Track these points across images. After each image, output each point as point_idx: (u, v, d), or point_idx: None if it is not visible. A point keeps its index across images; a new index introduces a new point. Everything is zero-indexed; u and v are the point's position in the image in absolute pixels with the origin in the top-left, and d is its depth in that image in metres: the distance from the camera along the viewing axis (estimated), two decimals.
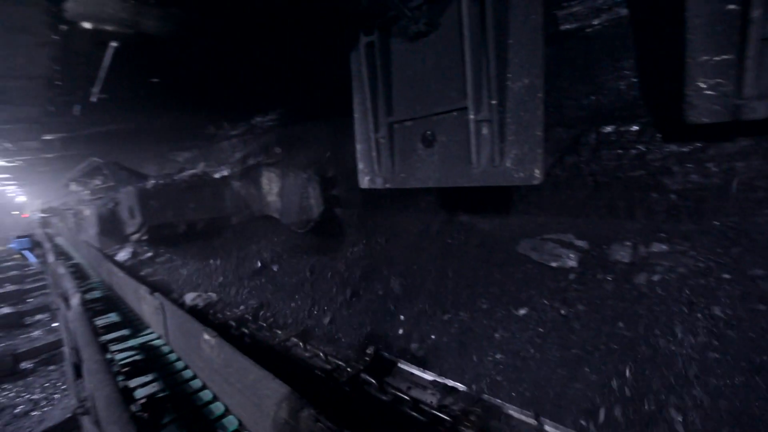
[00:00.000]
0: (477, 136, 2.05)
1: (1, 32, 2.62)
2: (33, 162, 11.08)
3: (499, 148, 1.99)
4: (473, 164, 2.11)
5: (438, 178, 2.33)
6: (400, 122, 2.54)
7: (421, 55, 2.33)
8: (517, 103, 1.94)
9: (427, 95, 2.33)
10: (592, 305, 2.88)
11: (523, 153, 1.93)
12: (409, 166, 2.52)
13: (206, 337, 1.95)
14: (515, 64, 1.93)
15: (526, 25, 1.87)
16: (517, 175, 1.95)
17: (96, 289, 4.20)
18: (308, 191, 4.80)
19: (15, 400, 3.63)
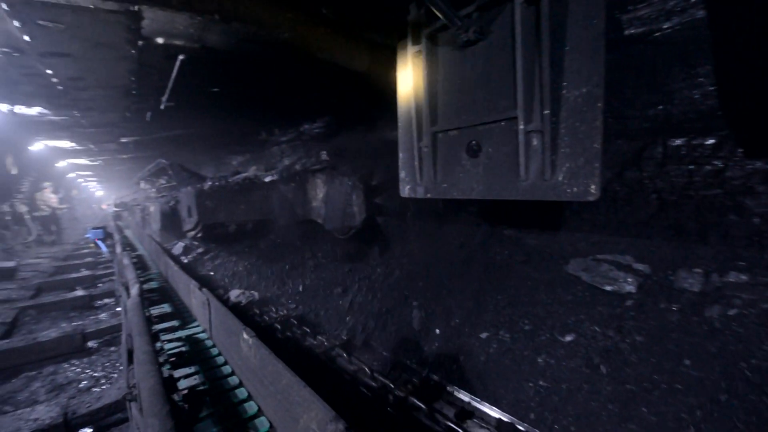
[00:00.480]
0: (526, 148, 1.93)
1: (88, 47, 2.98)
2: (111, 161, 12.48)
3: (550, 161, 1.85)
4: (521, 177, 2.00)
5: (482, 190, 2.24)
6: (444, 131, 2.48)
7: (469, 63, 2.26)
8: (572, 114, 1.80)
9: (474, 105, 2.25)
10: (653, 337, 2.58)
11: (577, 166, 1.78)
12: (452, 176, 2.44)
13: (245, 336, 2.01)
14: (572, 72, 1.80)
15: (586, 31, 1.74)
16: (570, 191, 1.80)
17: (154, 280, 4.57)
18: (352, 198, 4.84)
19: (80, 375, 4.00)
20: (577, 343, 2.78)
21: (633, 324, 2.70)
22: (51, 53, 2.99)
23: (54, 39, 2.75)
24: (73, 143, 8.77)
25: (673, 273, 2.81)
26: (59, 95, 4.42)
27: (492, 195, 2.15)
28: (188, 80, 3.87)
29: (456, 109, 2.36)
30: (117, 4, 2.52)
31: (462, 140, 2.32)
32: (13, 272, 7.81)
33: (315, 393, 1.45)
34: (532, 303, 3.26)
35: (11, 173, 8.70)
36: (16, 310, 5.54)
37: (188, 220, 5.82)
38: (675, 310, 2.65)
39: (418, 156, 2.61)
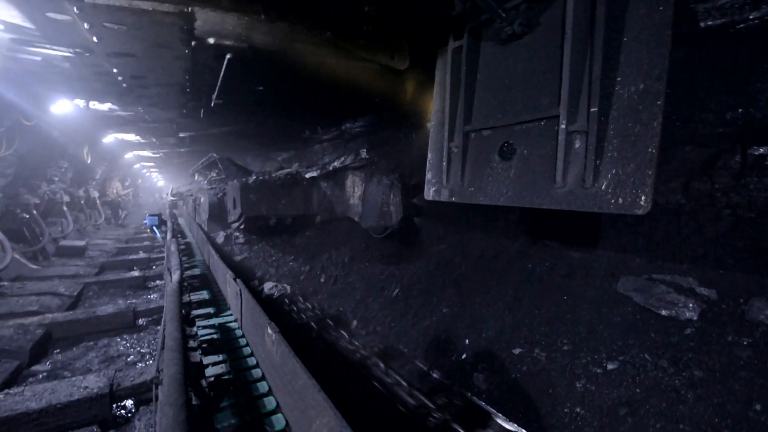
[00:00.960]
0: (567, 150, 1.72)
1: (148, 47, 3.21)
2: (170, 154, 13.52)
3: (593, 166, 1.63)
4: (557, 183, 1.78)
5: (511, 196, 2.04)
6: (477, 131, 2.31)
7: (512, 59, 2.10)
8: (625, 112, 1.57)
9: (513, 103, 2.07)
10: (715, 374, 2.25)
11: (626, 174, 1.55)
12: (481, 179, 2.27)
13: (269, 330, 2.02)
14: (629, 65, 1.58)
15: (649, 18, 1.52)
16: (614, 201, 1.57)
17: (197, 267, 4.86)
18: (389, 197, 4.80)
19: (129, 350, 4.33)
20: (623, 371, 2.51)
21: (692, 356, 2.38)
22: (116, 53, 3.25)
23: (118, 40, 2.98)
24: (138, 137, 9.60)
25: (746, 302, 2.43)
26: (125, 92, 4.82)
27: (523, 202, 1.95)
28: (236, 79, 4.04)
29: (493, 107, 2.20)
30: (172, 6, 2.67)
31: (495, 141, 2.15)
32: (83, 251, 8.72)
33: (328, 399, 1.40)
34: (574, 322, 3.00)
35: (87, 162, 9.73)
36: (81, 285, 6.15)
37: (233, 212, 6.11)
38: (746, 345, 2.29)
39: (447, 157, 2.48)
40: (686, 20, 2.79)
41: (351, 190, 5.67)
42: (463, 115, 2.35)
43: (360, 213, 5.36)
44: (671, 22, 1.51)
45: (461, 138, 2.36)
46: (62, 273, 7.03)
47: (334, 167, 5.76)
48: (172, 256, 3.91)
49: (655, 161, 1.49)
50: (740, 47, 2.64)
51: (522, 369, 2.88)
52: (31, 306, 5.18)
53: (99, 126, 8.02)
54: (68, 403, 2.98)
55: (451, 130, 2.43)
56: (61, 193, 9.27)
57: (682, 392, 2.28)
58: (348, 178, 5.69)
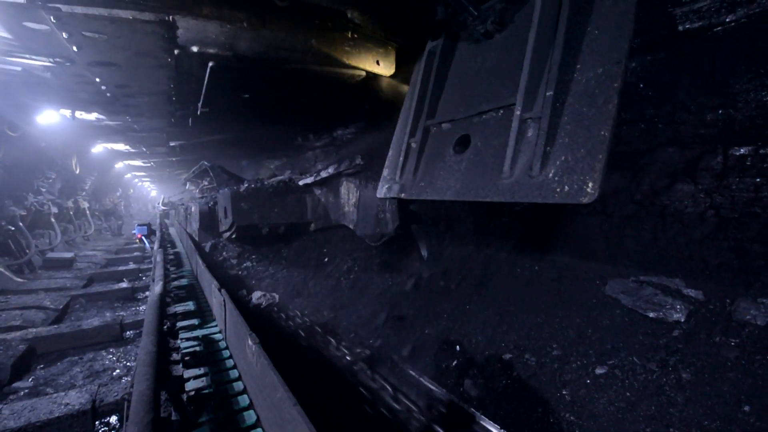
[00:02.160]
0: (518, 139, 1.63)
1: (130, 56, 3.18)
2: (161, 164, 13.43)
3: (542, 152, 1.53)
4: (504, 173, 1.67)
5: (458, 189, 1.93)
6: (437, 125, 2.24)
7: (482, 57, 2.08)
8: (581, 97, 1.50)
9: (477, 97, 2.01)
10: (704, 375, 2.24)
11: (575, 159, 1.44)
12: (432, 174, 2.18)
13: (249, 342, 1.98)
14: (590, 53, 1.51)
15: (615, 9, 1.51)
16: (559, 190, 1.44)
17: (185, 277, 4.78)
18: (385, 204, 4.72)
19: (115, 363, 4.23)
20: (612, 375, 2.48)
21: (680, 358, 2.37)
22: (97, 63, 3.22)
23: (99, 49, 2.95)
24: (128, 146, 9.52)
25: (732, 303, 2.43)
26: (110, 102, 4.78)
27: (468, 196, 1.84)
28: (221, 87, 4.02)
29: (458, 103, 2.14)
30: (153, 14, 2.65)
31: (453, 134, 2.07)
32: (71, 263, 8.57)
33: (304, 413, 1.36)
34: (563, 326, 2.98)
35: (75, 172, 9.62)
36: (68, 298, 6.04)
37: (224, 221, 6.03)
38: (733, 346, 2.28)
39: (404, 152, 2.38)
40: (665, 24, 2.83)
41: (346, 197, 5.59)
42: (427, 110, 2.31)
43: (355, 220, 5.29)
44: (634, 10, 1.49)
45: (421, 133, 2.30)
46: (48, 286, 6.90)
47: (329, 174, 5.72)
48: (157, 266, 3.84)
49: (608, 145, 1.38)
50: (718, 50, 2.67)
51: (512, 375, 2.84)
52: (14, 320, 5.07)
53: (87, 136, 7.95)
54: (48, 421, 2.89)
55: (413, 125, 2.37)
56: (49, 204, 9.14)
57: (671, 395, 2.26)
58: (342, 185, 5.61)
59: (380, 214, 4.75)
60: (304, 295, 5.00)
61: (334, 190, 5.74)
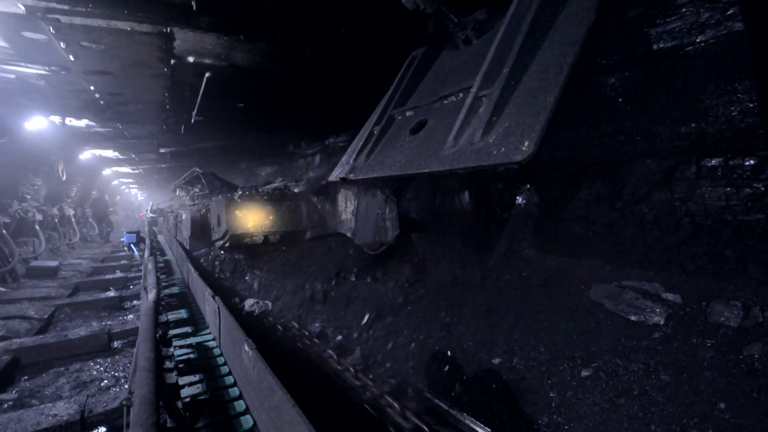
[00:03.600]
0: (469, 113, 1.66)
1: (126, 65, 3.22)
2: (150, 170, 13.30)
3: (487, 122, 1.55)
4: (447, 144, 1.68)
5: (403, 164, 1.95)
6: (402, 113, 2.32)
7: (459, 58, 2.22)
8: (535, 73, 1.55)
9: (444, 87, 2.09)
10: (683, 375, 2.35)
11: (517, 124, 1.46)
12: (384, 154, 2.21)
13: (246, 348, 2.01)
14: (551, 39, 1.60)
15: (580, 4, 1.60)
16: (496, 152, 1.45)
17: (176, 285, 4.75)
18: (385, 212, 4.64)
19: (102, 374, 4.17)
20: (596, 377, 2.58)
21: (660, 359, 2.48)
22: (93, 71, 3.25)
23: (95, 58, 2.99)
24: (117, 153, 9.44)
25: (708, 305, 2.56)
26: (103, 109, 4.78)
27: (410, 169, 1.85)
28: (216, 96, 4.08)
29: (426, 94, 2.24)
30: (151, 26, 2.71)
31: (414, 120, 2.13)
32: (56, 271, 8.38)
33: (303, 414, 1.41)
34: (550, 330, 3.08)
35: (62, 179, 9.46)
36: (53, 307, 5.91)
37: (217, 229, 5.95)
38: (709, 346, 2.40)
39: (365, 138, 2.43)
40: (642, 43, 3.01)
41: (343, 205, 5.51)
42: (396, 102, 2.41)
43: (353, 228, 5.22)
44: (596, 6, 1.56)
45: (385, 120, 2.36)
46: (32, 295, 6.74)
47: (325, 181, 5.65)
48: (149, 274, 3.82)
49: (551, 109, 1.41)
50: (690, 68, 2.85)
51: (502, 378, 2.92)
52: None
53: (76, 142, 7.87)
54: None
55: (381, 114, 2.44)
56: (34, 211, 8.96)
57: (653, 395, 2.37)
58: (340, 193, 5.52)
59: (380, 223, 4.70)
60: (298, 305, 5.01)
61: (331, 197, 5.66)
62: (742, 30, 2.58)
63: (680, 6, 2.73)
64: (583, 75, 3.34)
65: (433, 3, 2.36)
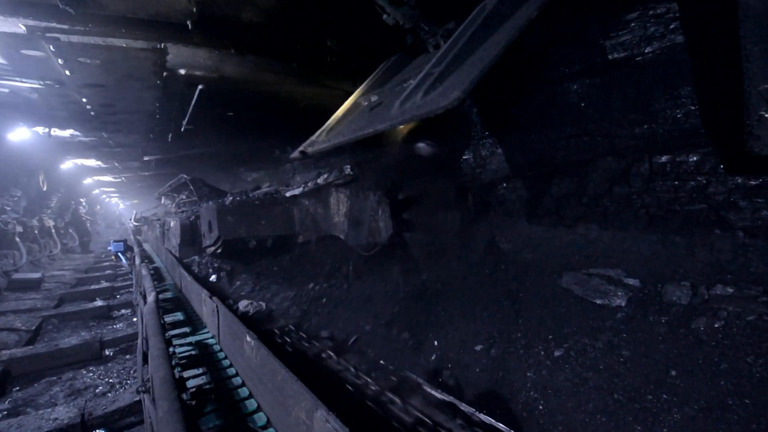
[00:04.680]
0: (417, 85, 1.82)
1: (120, 78, 3.35)
2: (133, 179, 13.15)
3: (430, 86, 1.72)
4: (394, 109, 1.84)
5: (354, 129, 2.11)
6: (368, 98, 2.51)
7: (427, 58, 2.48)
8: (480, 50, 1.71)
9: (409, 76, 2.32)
10: (641, 349, 2.65)
11: (452, 85, 1.63)
12: (342, 128, 2.39)
13: (248, 338, 2.19)
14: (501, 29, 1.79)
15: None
16: (430, 105, 1.61)
17: (168, 290, 4.82)
18: (378, 213, 4.66)
19: (96, 381, 4.23)
20: (567, 356, 2.85)
21: (622, 336, 2.77)
22: (87, 85, 3.36)
23: (91, 73, 3.11)
24: (99, 162, 9.36)
25: (662, 287, 2.88)
26: (91, 119, 4.85)
27: (363, 132, 1.99)
28: (207, 106, 4.22)
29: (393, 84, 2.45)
30: (146, 43, 2.86)
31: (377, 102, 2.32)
32: (39, 283, 8.24)
33: (305, 386, 1.61)
34: (526, 317, 3.35)
35: (42, 189, 9.31)
36: (39, 319, 5.87)
37: (208, 236, 5.96)
38: (663, 323, 2.71)
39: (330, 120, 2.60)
40: (599, 53, 3.34)
41: (335, 208, 5.52)
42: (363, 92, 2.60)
43: (346, 230, 5.25)
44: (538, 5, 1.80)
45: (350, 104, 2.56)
46: (17, 308, 6.64)
47: (317, 184, 5.56)
48: (145, 279, 3.91)
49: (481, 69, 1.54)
50: (641, 75, 3.20)
51: (482, 362, 3.17)
52: None
53: (58, 152, 7.80)
54: None
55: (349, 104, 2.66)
56: (14, 223, 8.78)
57: (616, 368, 2.65)
58: (332, 196, 5.53)
59: (373, 224, 4.76)
60: (290, 304, 5.16)
61: (323, 200, 5.67)
62: (683, 42, 2.93)
63: (630, 21, 3.07)
64: (550, 83, 3.66)
65: (410, 19, 2.63)
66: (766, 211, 2.54)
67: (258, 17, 2.69)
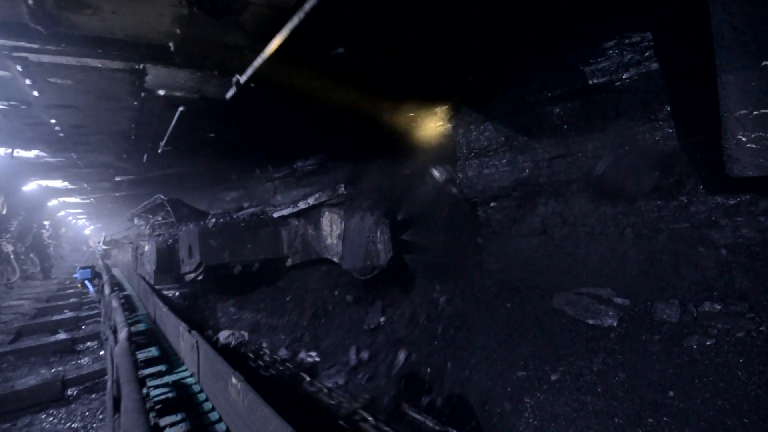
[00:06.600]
0: None
1: (93, 99, 3.17)
2: (103, 199, 12.53)
3: None
4: None
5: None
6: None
7: None
8: None
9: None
10: (637, 370, 2.63)
11: None
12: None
13: (233, 380, 2.02)
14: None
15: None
16: None
17: (141, 322, 4.50)
18: (376, 235, 4.36)
19: (57, 426, 3.83)
20: (564, 379, 2.81)
21: (617, 357, 2.76)
22: (57, 105, 3.17)
23: (61, 93, 2.93)
24: (67, 183, 8.86)
25: (652, 305, 2.90)
26: (60, 140, 4.58)
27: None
28: (186, 127, 4.07)
29: None
30: (123, 63, 2.73)
31: None
32: None
33: None
34: (520, 340, 3.30)
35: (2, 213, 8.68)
36: None
37: (188, 261, 5.56)
38: (656, 342, 2.72)
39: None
40: (579, 78, 3.47)
41: (328, 229, 5.20)
42: None
43: (340, 253, 4.91)
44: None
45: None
46: None
47: (308, 204, 5.26)
48: (115, 312, 3.61)
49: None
50: (620, 99, 3.33)
51: (479, 388, 3.07)
52: None
53: (21, 173, 7.33)
54: None
55: None
56: None
57: (613, 390, 2.62)
58: (324, 216, 5.23)
59: (371, 246, 4.44)
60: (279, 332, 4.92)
61: (314, 221, 5.35)
62: (658, 69, 3.08)
63: (608, 48, 3.21)
64: (534, 105, 3.76)
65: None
66: (746, 229, 2.63)
67: (244, 40, 2.62)
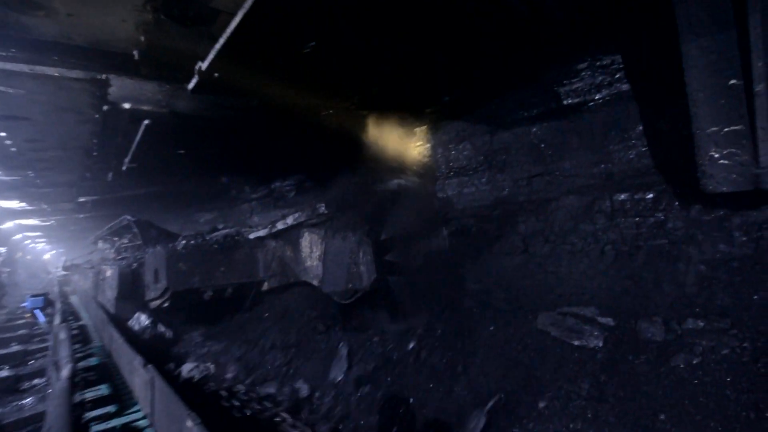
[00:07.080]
0: None
1: (49, 111, 2.95)
2: (65, 222, 11.77)
3: None
4: None
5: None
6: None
7: None
8: None
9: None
10: (626, 392, 2.53)
11: None
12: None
13: (189, 423, 1.77)
14: None
15: None
16: None
17: (94, 355, 4.05)
18: (359, 256, 4.22)
19: None
20: (552, 405, 2.67)
21: (605, 380, 2.66)
22: (6, 117, 2.92)
23: (11, 103, 2.70)
24: (24, 203, 8.27)
25: (636, 323, 2.85)
26: (13, 156, 4.24)
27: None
28: (154, 142, 3.86)
29: None
30: (84, 73, 2.55)
31: None
32: None
33: None
34: (506, 364, 3.15)
35: None
36: None
37: (153, 287, 5.14)
38: (643, 362, 2.64)
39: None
40: (554, 99, 3.55)
41: (308, 250, 4.99)
42: None
43: (320, 276, 4.68)
44: None
45: None
46: None
47: (286, 225, 5.02)
48: (61, 345, 3.22)
49: None
50: (594, 119, 3.40)
51: (464, 419, 2.88)
52: None
53: None
54: None
55: None
56: None
57: (604, 416, 2.50)
58: (303, 237, 5.00)
59: (353, 267, 4.26)
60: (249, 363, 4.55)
61: (293, 242, 5.09)
62: (629, 90, 3.18)
63: (580, 70, 3.31)
64: (512, 124, 3.80)
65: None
66: (723, 244, 2.65)
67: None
